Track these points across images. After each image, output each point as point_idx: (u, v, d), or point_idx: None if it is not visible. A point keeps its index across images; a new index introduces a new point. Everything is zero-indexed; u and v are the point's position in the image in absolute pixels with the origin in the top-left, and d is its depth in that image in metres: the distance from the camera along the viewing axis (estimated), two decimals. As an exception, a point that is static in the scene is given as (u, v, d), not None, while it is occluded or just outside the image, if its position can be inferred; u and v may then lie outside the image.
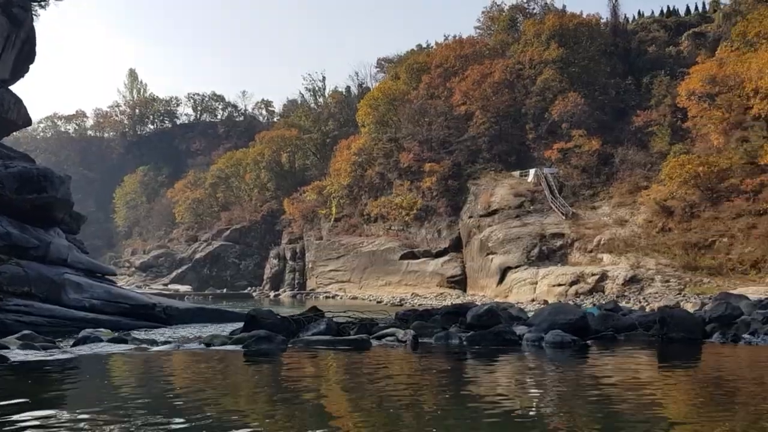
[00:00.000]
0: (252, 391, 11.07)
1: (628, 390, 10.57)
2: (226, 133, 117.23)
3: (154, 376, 12.84)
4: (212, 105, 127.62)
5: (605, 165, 58.19)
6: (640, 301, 41.73)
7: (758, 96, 49.51)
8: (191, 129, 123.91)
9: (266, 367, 14.08)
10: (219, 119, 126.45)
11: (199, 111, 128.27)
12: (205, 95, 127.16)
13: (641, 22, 74.41)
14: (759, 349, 15.60)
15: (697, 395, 10.52)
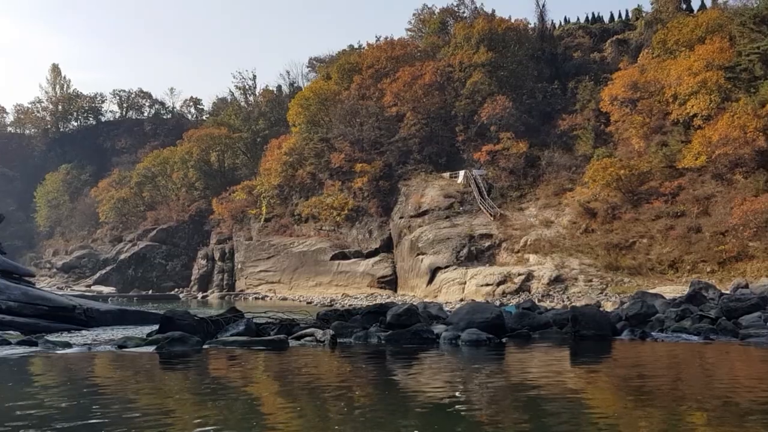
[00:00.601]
0: (160, 393, 10.73)
1: (544, 385, 10.78)
2: (153, 131, 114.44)
3: (58, 380, 12.33)
4: (139, 102, 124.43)
5: (532, 167, 59.38)
6: (564, 300, 42.62)
7: (677, 102, 51.54)
8: (117, 126, 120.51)
9: (178, 368, 13.73)
10: (146, 117, 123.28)
11: (125, 108, 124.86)
12: (131, 92, 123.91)
13: (567, 29, 76.34)
14: (665, 345, 16.14)
15: (610, 389, 10.83)
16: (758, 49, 48.26)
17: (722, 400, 9.48)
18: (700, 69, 50.05)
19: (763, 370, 13.16)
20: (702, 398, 9.84)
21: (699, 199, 46.31)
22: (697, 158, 46.97)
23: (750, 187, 43.72)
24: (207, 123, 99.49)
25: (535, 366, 13.31)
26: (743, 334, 17.25)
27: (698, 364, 13.63)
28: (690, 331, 18.34)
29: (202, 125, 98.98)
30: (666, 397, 9.87)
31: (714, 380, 11.69)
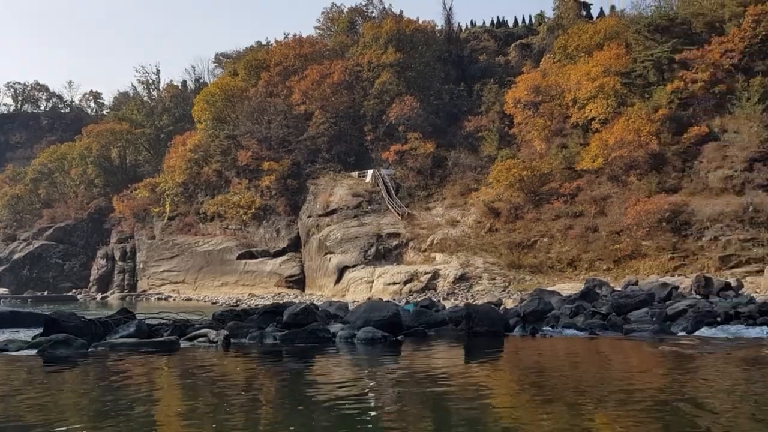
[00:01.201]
0: (33, 397, 10.11)
1: (442, 381, 10.89)
2: (49, 126, 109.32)
3: None
4: (35, 95, 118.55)
5: (439, 167, 60.16)
6: (468, 298, 43.31)
7: (576, 106, 53.31)
8: (11, 120, 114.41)
9: (58, 372, 13.05)
10: (42, 111, 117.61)
11: (20, 101, 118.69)
12: (27, 84, 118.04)
13: (473, 32, 77.85)
14: (554, 340, 16.61)
15: (504, 383, 11.01)
16: (652, 56, 50.53)
17: (606, 390, 9.83)
18: (598, 74, 51.96)
19: (644, 362, 13.73)
20: (590, 389, 10.20)
21: (596, 200, 47.98)
22: (595, 160, 48.67)
23: (643, 189, 45.62)
24: (108, 118, 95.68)
25: (430, 363, 13.39)
26: (627, 329, 17.95)
27: (584, 357, 14.08)
28: (578, 326, 18.93)
29: (102, 120, 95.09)
30: (558, 389, 10.19)
31: (599, 372, 12.10)
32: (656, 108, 47.77)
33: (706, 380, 11.35)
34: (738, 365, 13.10)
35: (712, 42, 49.22)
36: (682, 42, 50.11)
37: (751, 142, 43.53)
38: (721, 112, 47.01)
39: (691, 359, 13.82)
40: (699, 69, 47.91)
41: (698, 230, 42.03)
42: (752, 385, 10.92)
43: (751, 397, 9.74)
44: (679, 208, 42.95)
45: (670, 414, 8.29)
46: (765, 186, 42.01)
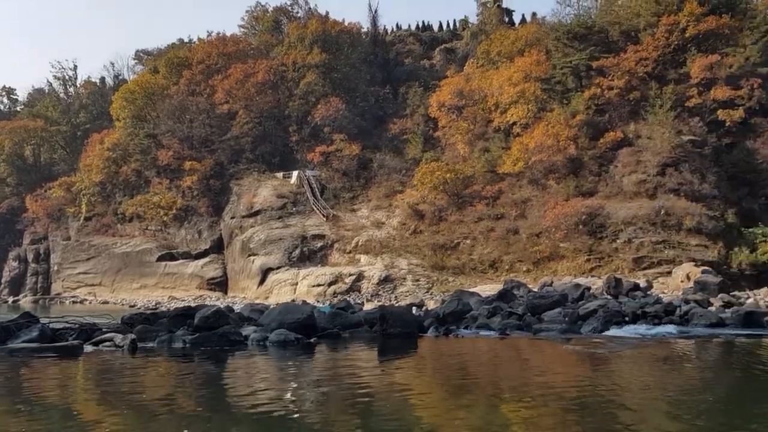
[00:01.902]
0: None
1: (355, 382, 10.92)
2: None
3: None
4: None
5: (364, 169, 60.19)
6: (392, 300, 43.49)
7: (498, 110, 54.18)
8: None
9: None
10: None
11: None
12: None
13: (399, 35, 78.39)
14: (467, 340, 16.81)
15: (421, 381, 11.10)
16: (570, 63, 51.82)
17: (518, 388, 9.98)
18: (519, 80, 52.96)
19: (554, 360, 14.02)
20: (504, 388, 10.46)
21: (517, 203, 48.89)
22: (516, 164, 49.55)
23: (562, 192, 46.73)
24: (21, 114, 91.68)
25: (344, 364, 13.38)
26: (536, 329, 18.30)
27: (495, 357, 14.28)
28: (490, 327, 19.18)
29: (15, 117, 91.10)
30: (472, 387, 10.42)
31: (511, 371, 12.29)
32: (574, 113, 48.98)
33: (613, 377, 11.68)
34: (644, 363, 13.56)
35: (627, 50, 50.80)
36: (599, 50, 51.54)
37: (663, 148, 45.10)
38: (636, 119, 48.56)
39: (598, 358, 14.20)
40: (615, 76, 49.40)
41: (613, 233, 43.30)
42: (660, 381, 11.28)
43: (660, 392, 10.08)
44: (595, 211, 44.12)
45: (580, 409, 8.48)
46: (676, 190, 43.63)
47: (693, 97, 47.16)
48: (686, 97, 47.32)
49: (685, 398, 9.78)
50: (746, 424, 8.14)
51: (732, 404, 9.67)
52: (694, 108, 47.05)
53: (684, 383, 11.30)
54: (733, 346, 16.33)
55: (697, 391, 10.61)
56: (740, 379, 12.20)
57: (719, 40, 49.11)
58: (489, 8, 69.96)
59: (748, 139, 46.35)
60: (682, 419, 8.23)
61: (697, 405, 9.27)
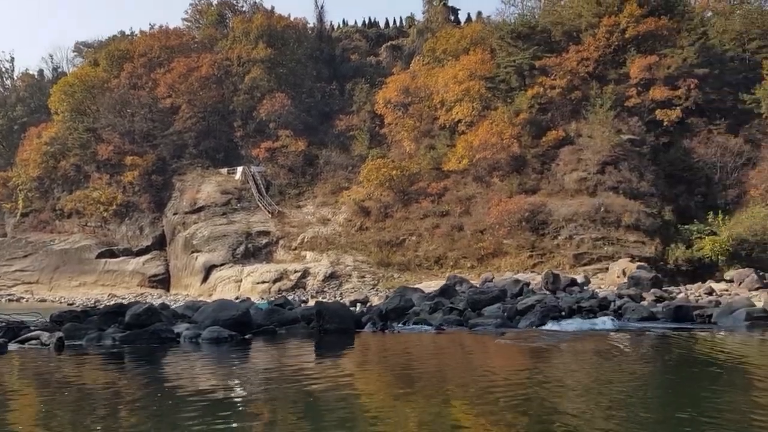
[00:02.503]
0: None
1: (291, 376, 10.92)
2: None
3: None
4: None
5: (310, 165, 59.86)
6: (337, 296, 43.34)
7: (444, 108, 54.56)
8: None
9: None
10: None
11: None
12: None
13: (345, 31, 78.13)
14: (403, 336, 16.84)
15: (358, 376, 11.07)
16: (514, 63, 52.48)
17: (451, 378, 9.98)
18: (464, 78, 53.37)
19: (483, 353, 14.15)
20: (436, 379, 10.66)
21: (461, 200, 49.28)
22: (461, 161, 49.93)
23: (505, 189, 47.30)
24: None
25: (280, 360, 13.30)
26: (472, 324, 18.44)
27: (429, 350, 14.35)
28: (429, 322, 19.26)
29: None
30: (409, 381, 10.44)
31: (444, 363, 12.32)
32: (518, 112, 49.63)
33: (544, 370, 11.82)
34: (577, 356, 13.80)
35: (569, 50, 51.74)
36: (542, 49, 52.34)
37: (603, 147, 46.06)
38: (577, 118, 49.50)
39: (531, 351, 14.38)
40: (557, 76, 50.25)
41: (555, 229, 44.06)
42: (591, 373, 11.47)
43: (594, 383, 10.27)
44: (537, 208, 44.83)
45: (518, 402, 8.56)
46: (615, 188, 44.64)
47: (632, 97, 48.29)
48: (626, 96, 48.43)
49: (617, 389, 9.99)
50: (682, 414, 8.43)
51: (667, 395, 9.93)
52: (634, 108, 48.19)
53: (616, 375, 11.53)
54: (664, 339, 16.73)
55: (629, 382, 10.84)
56: (672, 371, 12.53)
57: (658, 42, 50.37)
58: (435, 6, 70.39)
59: (684, 139, 47.70)
60: (620, 410, 8.42)
61: (630, 396, 9.49)
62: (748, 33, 50.82)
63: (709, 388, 10.18)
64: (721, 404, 9.07)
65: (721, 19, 54.87)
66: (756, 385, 10.72)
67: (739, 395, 9.79)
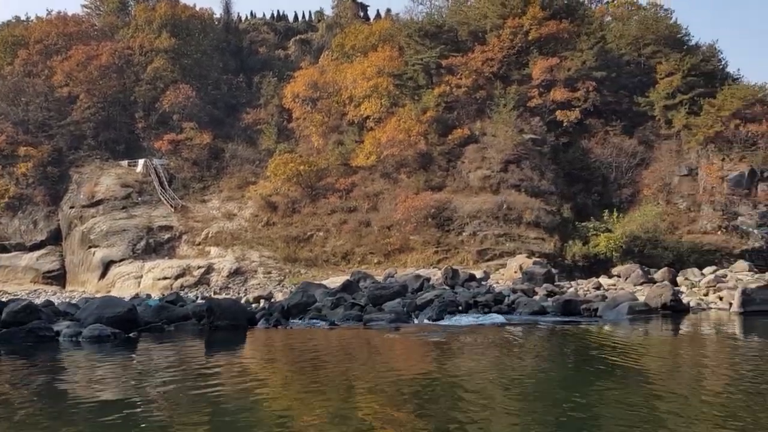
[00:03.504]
0: None
1: (178, 375, 10.68)
2: None
3: None
4: None
5: (216, 159, 58.54)
6: (242, 292, 42.64)
7: (352, 104, 54.50)
8: None
9: None
10: None
11: None
12: None
13: (253, 23, 76.86)
14: (297, 331, 16.70)
15: (254, 372, 10.80)
16: (422, 61, 52.98)
17: (343, 371, 9.87)
18: (372, 74, 53.48)
19: (376, 348, 14.18)
20: (328, 373, 10.69)
21: (369, 196, 49.37)
22: (369, 157, 50.03)
23: (412, 186, 47.69)
24: None
25: (167, 358, 12.91)
26: (367, 319, 18.48)
27: (324, 345, 14.23)
28: (328, 318, 19.19)
29: None
30: (300, 376, 10.59)
31: (334, 357, 12.23)
32: (425, 110, 50.09)
33: (443, 362, 11.90)
34: (469, 349, 14.00)
35: (475, 50, 52.66)
36: (449, 48, 53.05)
37: (507, 146, 47.15)
38: (482, 117, 50.45)
39: (426, 345, 14.51)
40: (463, 75, 51.03)
41: (459, 226, 44.77)
42: (480, 365, 11.65)
43: (485, 374, 10.43)
44: (443, 204, 45.46)
45: (414, 394, 8.56)
46: (517, 186, 45.78)
47: (534, 97, 49.64)
48: (528, 97, 49.74)
49: (506, 378, 10.20)
50: (574, 398, 8.89)
51: (560, 382, 10.32)
52: (535, 108, 49.54)
53: (503, 365, 11.76)
54: (550, 332, 17.24)
55: (524, 373, 11.11)
56: (562, 361, 12.93)
57: (559, 44, 51.98)
58: (344, 2, 70.24)
59: (583, 139, 49.45)
60: (518, 398, 8.62)
61: (526, 386, 9.76)
62: (644, 38, 53.12)
63: (591, 376, 10.66)
64: (601, 388, 9.62)
65: (618, 24, 57.15)
66: (631, 372, 11.18)
67: (615, 380, 10.25)
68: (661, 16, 55.94)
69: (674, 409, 8.29)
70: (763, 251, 42.10)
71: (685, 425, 7.52)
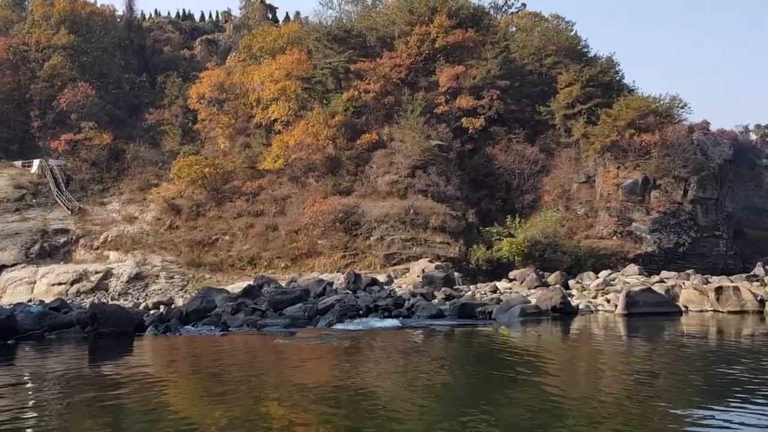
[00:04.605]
0: None
1: (60, 384, 9.83)
2: None
3: None
4: None
5: (117, 160, 56.59)
6: (142, 298, 41.33)
7: (260, 106, 53.85)
8: None
9: None
10: None
11: None
12: None
13: (158, 21, 74.85)
14: (186, 338, 16.27)
15: (143, 380, 10.37)
16: (330, 65, 52.87)
17: (233, 378, 9.60)
18: (280, 77, 53.02)
19: (266, 353, 13.97)
20: (221, 379, 10.36)
21: (277, 200, 48.87)
22: (276, 161, 49.54)
23: (320, 190, 47.51)
24: None
25: (48, 367, 12.17)
26: (261, 324, 18.28)
27: (211, 352, 13.90)
28: (220, 323, 18.83)
29: None
30: (186, 383, 10.19)
31: (220, 364, 11.95)
32: (333, 114, 50.01)
33: (334, 367, 11.79)
34: (363, 352, 13.94)
35: (383, 56, 52.98)
36: (357, 53, 53.19)
37: (414, 151, 47.61)
38: (390, 122, 50.77)
39: (311, 350, 14.38)
40: (371, 80, 51.27)
41: (367, 230, 44.85)
42: (375, 367, 11.59)
43: (392, 378, 10.37)
44: (351, 209, 45.44)
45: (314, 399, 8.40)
46: (424, 191, 46.27)
47: (441, 104, 50.32)
48: (435, 104, 50.39)
49: (400, 379, 10.24)
50: (475, 401, 9.06)
51: (459, 385, 10.48)
52: (442, 115, 50.22)
53: (395, 367, 11.77)
54: (449, 335, 17.47)
55: (421, 376, 11.16)
56: (459, 364, 13.08)
57: (465, 53, 52.98)
58: (252, 2, 69.36)
59: (487, 146, 50.50)
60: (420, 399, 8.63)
61: (423, 388, 9.83)
62: (545, 49, 54.77)
63: (487, 378, 10.90)
64: (499, 389, 9.90)
65: (522, 34, 58.74)
66: (525, 373, 11.44)
67: (510, 380, 10.52)
68: (562, 28, 57.92)
69: (573, 407, 8.67)
70: (655, 255, 44.14)
71: (586, 423, 7.80)
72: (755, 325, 19.45)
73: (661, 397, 9.27)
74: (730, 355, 13.62)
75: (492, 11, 63.88)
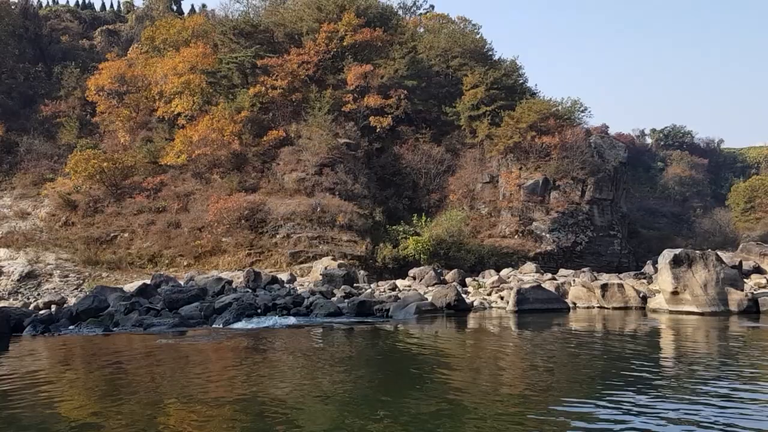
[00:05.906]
0: None
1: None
2: None
3: None
4: None
5: (9, 153, 53.83)
6: (34, 297, 39.42)
7: (163, 100, 52.27)
8: None
9: None
10: None
11: None
12: None
13: (55, 10, 71.45)
14: (67, 338, 15.66)
15: (26, 386, 9.72)
16: (236, 59, 51.86)
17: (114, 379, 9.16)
18: (185, 70, 51.62)
19: (145, 354, 13.53)
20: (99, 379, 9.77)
21: (180, 196, 47.59)
22: (179, 156, 48.20)
23: (225, 187, 46.58)
24: None
25: None
26: (147, 324, 17.77)
27: (91, 353, 13.35)
28: (111, 323, 18.19)
29: None
30: (70, 385, 9.79)
31: (95, 366, 11.48)
32: (239, 109, 49.13)
33: (221, 367, 11.49)
34: (257, 352, 13.69)
35: (291, 52, 52.41)
36: (264, 49, 52.39)
37: (322, 149, 47.36)
38: (298, 119, 50.31)
39: (195, 351, 14.03)
40: (279, 76, 50.61)
41: (273, 228, 44.35)
42: (279, 371, 11.37)
43: (289, 381, 10.16)
44: (257, 206, 44.79)
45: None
46: (332, 189, 46.11)
47: (349, 102, 50.26)
48: (343, 102, 50.30)
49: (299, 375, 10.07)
50: (375, 392, 9.36)
51: (363, 378, 10.44)
52: (350, 113, 50.19)
53: (288, 363, 11.62)
54: (334, 331, 17.44)
55: (318, 374, 11.03)
56: (364, 358, 13.05)
57: (373, 52, 53.09)
58: (156, -7, 67.38)
59: (395, 145, 50.85)
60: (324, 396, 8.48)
61: (321, 387, 9.71)
62: (452, 51, 55.65)
63: (387, 377, 11.04)
64: (401, 386, 10.11)
65: (429, 35, 59.43)
66: (419, 366, 11.50)
67: (411, 377, 10.57)
68: (468, 30, 58.95)
69: (474, 400, 8.95)
70: (554, 254, 45.60)
71: (490, 416, 7.90)
72: (637, 321, 20.35)
73: (555, 389, 9.57)
74: (609, 349, 14.18)
75: (401, 11, 64.37)
